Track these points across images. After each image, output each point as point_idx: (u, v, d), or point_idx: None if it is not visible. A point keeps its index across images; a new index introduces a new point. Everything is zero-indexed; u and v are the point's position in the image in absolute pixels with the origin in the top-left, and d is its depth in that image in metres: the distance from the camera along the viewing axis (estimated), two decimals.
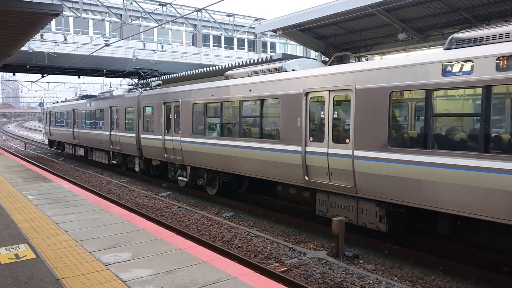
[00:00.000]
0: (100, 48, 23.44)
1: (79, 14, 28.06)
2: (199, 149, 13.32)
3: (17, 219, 7.49)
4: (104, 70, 33.69)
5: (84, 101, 24.79)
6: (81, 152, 25.86)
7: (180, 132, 14.34)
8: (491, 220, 6.60)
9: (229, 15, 34.32)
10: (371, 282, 6.93)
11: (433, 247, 8.68)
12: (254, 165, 11.16)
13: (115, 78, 43.61)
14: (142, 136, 17.09)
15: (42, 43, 30.90)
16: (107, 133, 20.53)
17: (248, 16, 38.15)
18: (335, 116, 9.14)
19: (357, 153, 8.47)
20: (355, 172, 8.52)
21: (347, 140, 8.75)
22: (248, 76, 11.99)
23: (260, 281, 4.74)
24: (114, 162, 20.93)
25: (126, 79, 40.79)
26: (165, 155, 15.35)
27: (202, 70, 22.43)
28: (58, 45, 30.21)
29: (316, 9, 14.42)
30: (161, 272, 4.93)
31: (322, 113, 9.42)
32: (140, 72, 21.32)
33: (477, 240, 8.18)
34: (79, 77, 40.46)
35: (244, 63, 18.88)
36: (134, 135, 17.70)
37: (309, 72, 9.76)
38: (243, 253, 8.51)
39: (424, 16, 13.38)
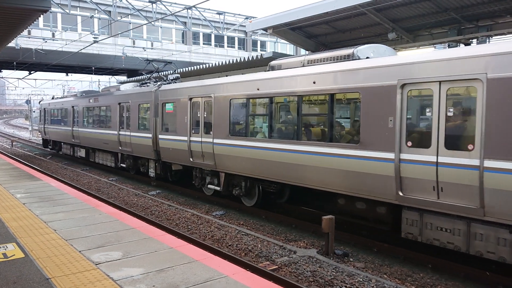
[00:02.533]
0: (89, 45, 23.28)
1: (68, 11, 27.74)
2: (238, 153, 11.27)
3: (5, 218, 7.38)
4: (93, 68, 33.40)
5: (85, 97, 22.38)
6: (81, 153, 23.46)
7: (212, 133, 12.19)
8: None
9: (219, 13, 34.23)
10: (361, 280, 6.98)
11: (421, 244, 8.76)
12: (316, 174, 9.23)
13: (103, 76, 43.23)
14: (160, 136, 14.85)
15: (29, 39, 30.52)
16: (115, 132, 18.20)
17: (239, 14, 38.09)
18: (450, 114, 7.11)
19: (489, 163, 6.47)
20: (484, 189, 6.55)
21: (470, 146, 6.77)
22: (304, 66, 10.01)
23: (252, 279, 4.75)
24: (123, 165, 18.54)
25: (115, 76, 40.48)
26: (191, 159, 13.21)
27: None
28: (46, 41, 29.86)
29: (306, 8, 14.46)
30: (153, 271, 4.90)
31: (427, 110, 7.39)
32: (153, 65, 19.08)
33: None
34: (67, 75, 40.13)
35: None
36: (150, 135, 15.57)
37: (406, 59, 7.70)
38: (233, 251, 8.51)
39: (413, 16, 13.51)
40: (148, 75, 20.35)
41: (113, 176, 19.10)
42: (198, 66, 21.39)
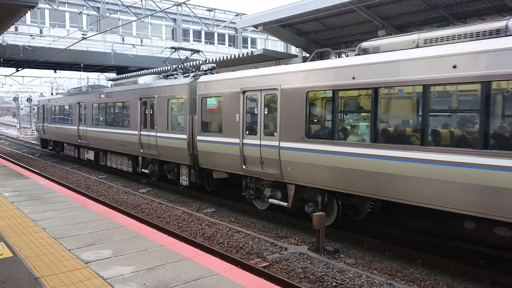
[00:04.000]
0: (77, 42, 22.94)
1: (55, 7, 27.41)
2: (319, 161, 8.87)
3: None
4: (82, 65, 33.07)
5: (95, 92, 19.66)
6: (89, 155, 20.75)
7: (277, 134, 9.79)
8: None
9: (209, 10, 34.11)
10: (352, 276, 7.02)
11: (411, 240, 8.84)
12: (449, 192, 6.90)
13: (92, 73, 42.84)
14: (199, 138, 12.27)
15: (16, 36, 30.13)
16: (136, 133, 15.56)
17: (229, 11, 38.05)
18: None
19: None
20: None
21: None
22: (418, 46, 7.70)
23: (243, 276, 4.75)
24: (145, 170, 15.89)
25: (105, 73, 40.13)
26: (244, 166, 10.76)
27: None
28: (34, 38, 29.47)
29: (297, 5, 14.45)
30: (143, 269, 4.88)
31: None
32: (179, 54, 15.99)
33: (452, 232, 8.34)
34: (55, 72, 39.67)
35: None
36: (184, 136, 12.91)
37: None
38: (224, 249, 8.50)
39: (403, 14, 13.59)
40: (173, 65, 17.65)
41: (102, 174, 18.96)
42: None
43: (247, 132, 10.73)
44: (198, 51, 16.06)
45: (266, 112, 10.33)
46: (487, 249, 7.65)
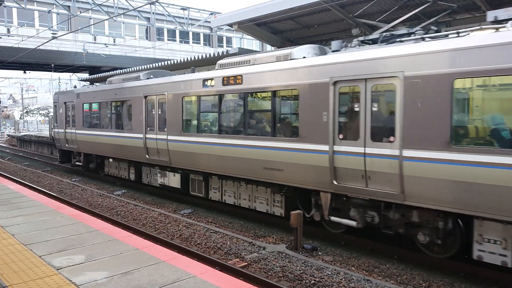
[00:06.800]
0: (47, 42, 22.29)
1: (23, 5, 26.59)
2: None
3: None
4: (52, 65, 32.23)
5: (185, 78, 12.01)
6: (169, 180, 13.16)
7: None
8: None
9: (183, 9, 33.73)
10: (330, 273, 7.04)
11: (388, 236, 8.94)
12: None
13: (64, 73, 41.84)
14: None
15: None
16: (323, 148, 8.31)
17: (203, 10, 37.73)
18: None
19: None
20: None
21: None
22: None
23: (220, 278, 4.69)
24: (343, 221, 8.31)
25: (77, 74, 39.28)
26: None
27: None
28: (1, 37, 28.52)
29: (271, 4, 14.44)
30: (117, 274, 4.75)
31: None
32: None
33: None
34: (25, 72, 38.58)
35: None
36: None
37: None
38: (202, 250, 8.41)
39: (375, 12, 13.75)
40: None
41: (76, 177, 18.50)
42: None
43: None
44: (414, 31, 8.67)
45: None
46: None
